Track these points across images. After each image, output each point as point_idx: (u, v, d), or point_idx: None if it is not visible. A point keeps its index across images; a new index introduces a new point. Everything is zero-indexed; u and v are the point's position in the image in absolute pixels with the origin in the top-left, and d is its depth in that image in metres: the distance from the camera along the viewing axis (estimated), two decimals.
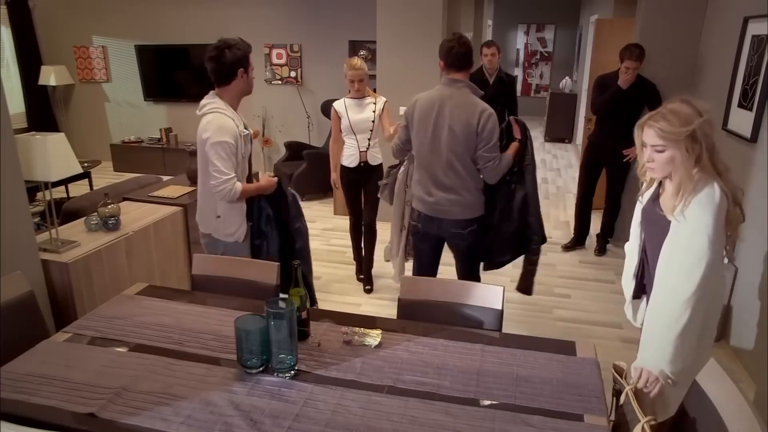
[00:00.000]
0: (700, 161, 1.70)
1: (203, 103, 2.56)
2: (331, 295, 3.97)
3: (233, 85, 2.54)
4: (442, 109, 2.64)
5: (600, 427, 1.51)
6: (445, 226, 2.77)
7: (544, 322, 3.64)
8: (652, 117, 1.74)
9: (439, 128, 2.65)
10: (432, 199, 2.75)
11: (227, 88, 2.54)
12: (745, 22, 3.44)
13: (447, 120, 2.63)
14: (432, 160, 2.70)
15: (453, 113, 2.61)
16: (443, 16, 4.91)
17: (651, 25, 4.34)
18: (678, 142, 1.69)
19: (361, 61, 3.68)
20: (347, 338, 1.93)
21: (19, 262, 2.46)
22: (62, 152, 2.60)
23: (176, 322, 2.04)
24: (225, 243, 2.62)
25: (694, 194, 1.70)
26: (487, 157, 2.61)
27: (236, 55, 2.49)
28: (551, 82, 11.73)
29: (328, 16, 6.59)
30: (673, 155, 1.72)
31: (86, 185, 6.13)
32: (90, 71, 7.63)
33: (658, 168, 1.78)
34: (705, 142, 1.68)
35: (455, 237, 2.79)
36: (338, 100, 3.79)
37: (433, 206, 2.76)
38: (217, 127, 2.43)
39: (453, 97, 2.64)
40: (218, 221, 2.58)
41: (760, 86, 3.14)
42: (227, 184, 2.42)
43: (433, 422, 1.53)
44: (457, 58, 2.62)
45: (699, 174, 1.70)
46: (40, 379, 1.69)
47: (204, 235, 2.69)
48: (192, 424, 1.51)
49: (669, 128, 1.69)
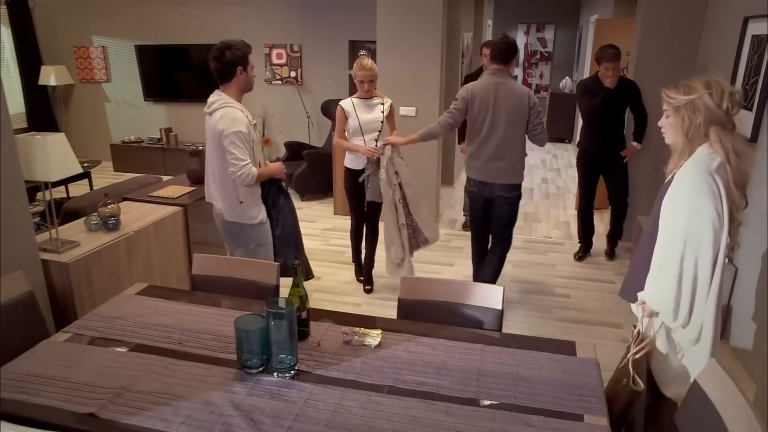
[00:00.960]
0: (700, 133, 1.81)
1: (211, 101, 2.80)
2: (331, 295, 3.97)
3: (234, 82, 2.77)
4: (498, 93, 3.30)
5: (600, 427, 1.51)
6: (495, 190, 3.42)
7: (544, 322, 3.64)
8: (669, 86, 1.90)
9: (499, 108, 3.30)
10: (486, 167, 3.40)
11: (229, 85, 2.78)
12: (745, 22, 3.44)
13: (503, 101, 3.29)
14: (490, 133, 3.34)
15: (507, 96, 3.29)
16: (443, 16, 4.92)
17: (651, 25, 4.34)
18: (678, 109, 1.84)
19: (372, 61, 3.57)
20: (347, 338, 1.93)
21: (19, 262, 2.46)
22: (62, 152, 2.60)
23: (176, 322, 2.04)
24: (250, 226, 2.87)
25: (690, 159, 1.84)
26: (539, 123, 3.34)
27: (236, 54, 2.71)
28: (551, 82, 11.73)
29: (328, 16, 6.59)
30: (674, 121, 1.87)
31: (86, 185, 6.13)
32: (90, 71, 7.63)
33: (666, 132, 1.94)
34: (706, 114, 1.79)
35: (501, 199, 3.44)
36: (345, 99, 3.69)
37: (486, 172, 3.41)
38: (231, 119, 2.69)
39: (503, 84, 3.31)
40: (241, 207, 2.83)
41: (760, 86, 3.15)
42: (245, 169, 2.69)
43: (433, 422, 1.53)
44: (499, 53, 3.32)
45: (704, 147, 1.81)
46: (40, 379, 1.69)
47: (228, 224, 2.89)
48: (192, 424, 1.51)
49: (673, 95, 1.85)
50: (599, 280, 4.24)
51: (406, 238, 3.59)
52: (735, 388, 1.48)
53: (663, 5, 4.27)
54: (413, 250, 3.69)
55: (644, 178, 4.55)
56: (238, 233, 2.89)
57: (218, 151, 2.74)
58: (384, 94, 3.76)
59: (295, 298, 1.81)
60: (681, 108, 1.83)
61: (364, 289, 4.04)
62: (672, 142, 1.93)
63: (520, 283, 4.17)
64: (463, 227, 5.30)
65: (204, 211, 3.70)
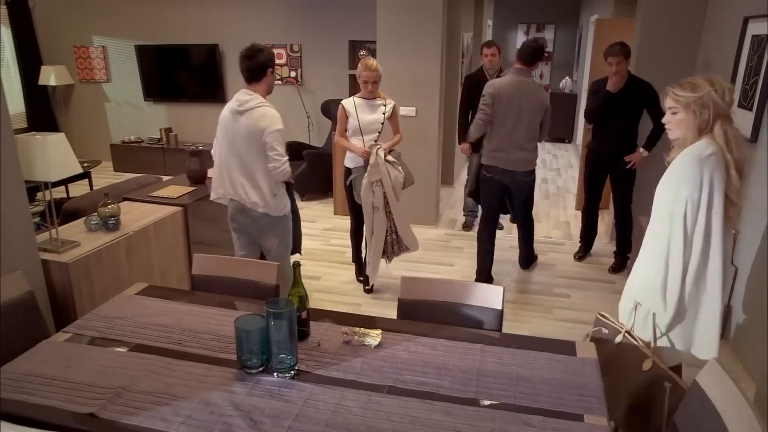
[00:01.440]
0: (707, 126, 1.95)
1: (244, 99, 2.90)
2: (331, 295, 3.97)
3: (263, 82, 2.95)
4: (522, 92, 3.69)
5: (600, 427, 1.51)
6: (516, 176, 3.87)
7: (544, 322, 3.64)
8: (674, 85, 2.03)
9: (524, 105, 3.70)
10: (511, 157, 3.80)
11: (258, 85, 2.94)
12: (745, 22, 3.44)
13: (527, 99, 3.69)
14: (516, 127, 3.74)
15: (530, 95, 3.71)
16: (443, 16, 4.92)
17: (651, 25, 4.33)
18: (688, 106, 1.96)
19: (377, 62, 3.55)
20: (347, 338, 1.93)
21: (19, 262, 2.46)
22: (62, 152, 2.60)
23: (176, 322, 2.04)
24: (280, 217, 3.07)
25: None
26: (548, 120, 3.85)
27: (267, 56, 2.92)
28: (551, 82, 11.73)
29: (328, 16, 6.59)
30: (683, 118, 1.99)
31: (86, 185, 6.13)
32: (90, 71, 7.63)
33: (672, 128, 2.06)
34: (714, 109, 1.93)
35: (522, 183, 3.92)
36: (348, 98, 3.69)
37: (511, 161, 3.82)
38: (272, 117, 2.88)
39: (525, 84, 3.71)
40: (275, 199, 3.01)
41: (760, 86, 3.14)
42: (286, 164, 2.91)
43: (433, 422, 1.53)
44: (524, 55, 3.69)
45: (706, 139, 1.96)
46: (40, 379, 1.69)
47: (263, 216, 3.03)
48: (192, 424, 1.51)
49: (682, 93, 1.97)
50: (599, 280, 4.24)
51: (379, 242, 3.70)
52: (735, 388, 1.48)
53: (663, 5, 4.27)
54: (392, 257, 3.80)
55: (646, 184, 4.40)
56: (273, 224, 3.07)
57: (255, 147, 2.87)
58: (387, 96, 3.74)
59: (295, 298, 1.81)
60: (691, 104, 1.95)
61: (364, 289, 4.04)
62: (680, 136, 2.03)
63: (520, 283, 4.17)
64: (463, 227, 5.30)
65: (204, 211, 3.70)
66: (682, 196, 1.94)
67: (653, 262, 2.03)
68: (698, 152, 1.94)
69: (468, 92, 4.90)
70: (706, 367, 1.62)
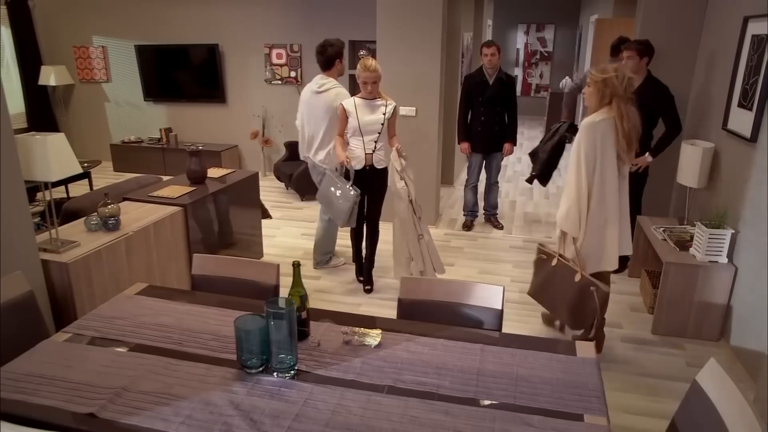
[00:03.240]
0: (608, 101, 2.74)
1: (322, 82, 3.88)
2: (331, 295, 3.97)
3: (333, 70, 3.91)
4: None
5: (600, 427, 1.51)
6: None
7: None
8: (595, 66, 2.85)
9: None
10: None
11: (331, 72, 3.91)
12: (745, 21, 3.44)
13: None
14: None
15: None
16: (443, 16, 4.92)
17: (651, 25, 4.33)
18: (596, 83, 2.75)
19: (376, 62, 3.53)
20: (347, 338, 1.93)
21: (19, 262, 2.46)
22: (62, 152, 2.60)
23: (176, 322, 2.04)
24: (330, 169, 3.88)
25: None
26: None
27: (335, 50, 3.85)
28: (551, 82, 11.74)
29: (328, 16, 6.59)
30: (592, 91, 2.78)
31: (86, 185, 6.13)
32: (90, 71, 7.63)
33: (586, 98, 2.86)
34: (611, 90, 2.72)
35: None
36: (348, 99, 3.70)
37: None
38: (345, 95, 3.78)
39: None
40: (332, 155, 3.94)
41: (760, 86, 3.14)
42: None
43: (433, 422, 1.53)
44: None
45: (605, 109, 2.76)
46: (40, 379, 1.69)
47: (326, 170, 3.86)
48: (192, 424, 1.51)
49: (594, 73, 2.77)
50: None
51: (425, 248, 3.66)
52: (735, 388, 1.48)
53: (663, 5, 4.27)
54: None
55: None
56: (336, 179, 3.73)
57: (331, 118, 3.83)
58: (389, 97, 3.73)
59: (295, 298, 1.81)
60: (598, 83, 2.74)
61: (364, 289, 4.04)
62: (589, 105, 2.83)
63: (520, 283, 4.17)
64: (463, 227, 5.30)
65: (204, 211, 3.70)
66: (583, 151, 2.75)
67: (570, 201, 2.82)
68: (593, 119, 2.74)
69: (468, 92, 4.91)
70: (706, 367, 1.62)
